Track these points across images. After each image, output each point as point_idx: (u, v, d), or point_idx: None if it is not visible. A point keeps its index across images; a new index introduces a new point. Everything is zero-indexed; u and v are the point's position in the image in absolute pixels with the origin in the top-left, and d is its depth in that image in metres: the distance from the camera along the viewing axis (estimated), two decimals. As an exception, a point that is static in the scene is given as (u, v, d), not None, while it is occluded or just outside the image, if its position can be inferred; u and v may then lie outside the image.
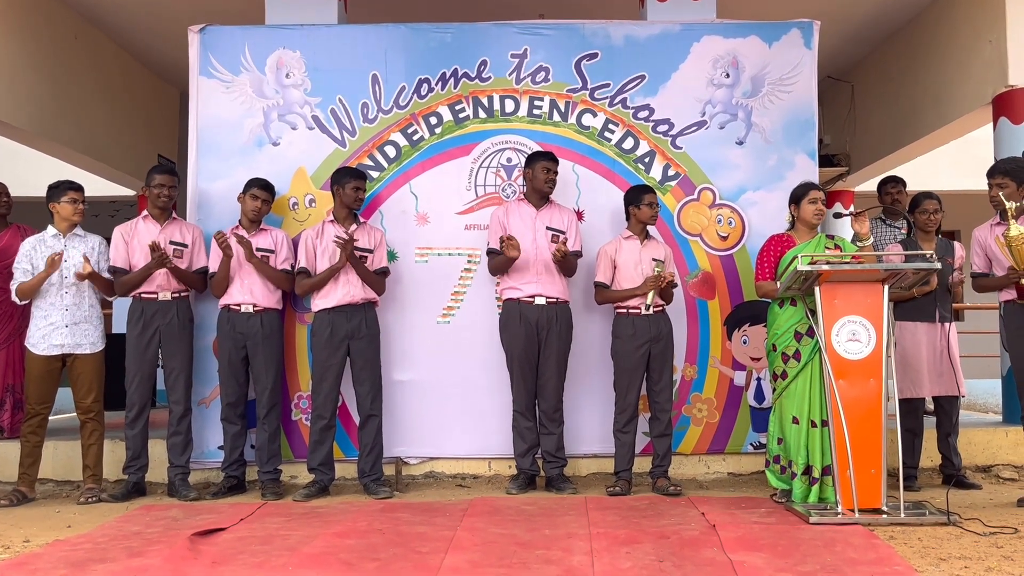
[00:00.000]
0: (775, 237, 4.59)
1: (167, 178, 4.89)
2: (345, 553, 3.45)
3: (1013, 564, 3.24)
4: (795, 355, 4.35)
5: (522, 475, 4.89)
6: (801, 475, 4.30)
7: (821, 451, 4.27)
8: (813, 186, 4.58)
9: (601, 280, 4.83)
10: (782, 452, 4.43)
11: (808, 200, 4.49)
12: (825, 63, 6.18)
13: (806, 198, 4.50)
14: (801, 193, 4.54)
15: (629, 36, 5.31)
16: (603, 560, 3.33)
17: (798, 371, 4.33)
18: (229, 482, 4.86)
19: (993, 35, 5.81)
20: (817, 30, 5.32)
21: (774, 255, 4.51)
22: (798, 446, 4.31)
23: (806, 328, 4.33)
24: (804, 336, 4.34)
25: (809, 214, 4.49)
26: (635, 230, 4.84)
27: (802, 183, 4.65)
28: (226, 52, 5.30)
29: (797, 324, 4.36)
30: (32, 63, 6.21)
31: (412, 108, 5.28)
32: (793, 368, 4.35)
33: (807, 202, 4.49)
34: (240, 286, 4.84)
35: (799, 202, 4.52)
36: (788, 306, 4.40)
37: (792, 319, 4.37)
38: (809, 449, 4.29)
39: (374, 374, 4.84)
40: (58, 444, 5.22)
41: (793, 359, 4.36)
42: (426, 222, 5.24)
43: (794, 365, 4.35)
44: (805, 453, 4.29)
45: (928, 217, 4.90)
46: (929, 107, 6.73)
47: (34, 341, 4.73)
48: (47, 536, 3.88)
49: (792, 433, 4.33)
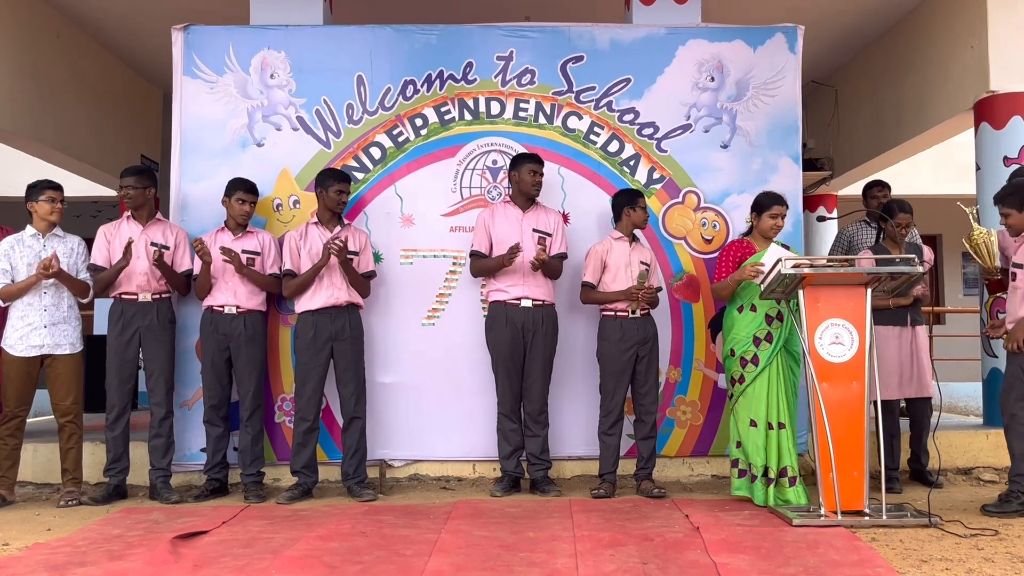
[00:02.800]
0: (736, 243, 4.67)
1: (132, 179, 4.84)
2: (328, 556, 3.43)
3: (994, 566, 3.26)
4: (753, 360, 4.41)
5: (507, 477, 4.88)
6: (761, 477, 4.36)
7: (779, 453, 4.37)
8: (778, 200, 4.61)
9: (590, 280, 4.83)
10: (741, 455, 4.46)
11: (770, 214, 4.56)
12: (809, 68, 6.21)
13: (768, 212, 4.56)
14: (765, 205, 4.59)
15: (615, 39, 5.33)
16: (587, 563, 3.33)
17: (756, 375, 4.40)
18: (211, 485, 4.83)
19: (974, 40, 5.86)
20: (801, 35, 5.36)
21: (733, 260, 4.56)
22: (757, 448, 4.37)
23: (765, 333, 4.41)
24: (763, 341, 4.42)
25: (767, 227, 4.57)
26: (625, 231, 4.85)
27: (768, 193, 4.69)
28: (210, 52, 5.27)
29: (756, 330, 4.43)
30: (13, 62, 6.15)
31: (397, 109, 5.27)
32: (751, 373, 4.41)
33: (768, 216, 4.56)
34: (223, 287, 4.82)
35: (760, 212, 4.59)
36: (748, 312, 4.47)
37: (752, 325, 4.44)
38: (767, 451, 4.37)
39: (358, 376, 4.82)
40: (38, 447, 5.17)
41: (751, 364, 4.42)
42: (411, 224, 5.23)
43: (752, 370, 4.41)
44: (763, 455, 4.37)
45: (901, 230, 4.93)
46: (911, 112, 6.78)
47: (11, 342, 4.68)
48: (26, 539, 3.84)
49: (751, 436, 4.40)
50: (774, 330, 4.44)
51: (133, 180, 4.85)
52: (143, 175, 4.92)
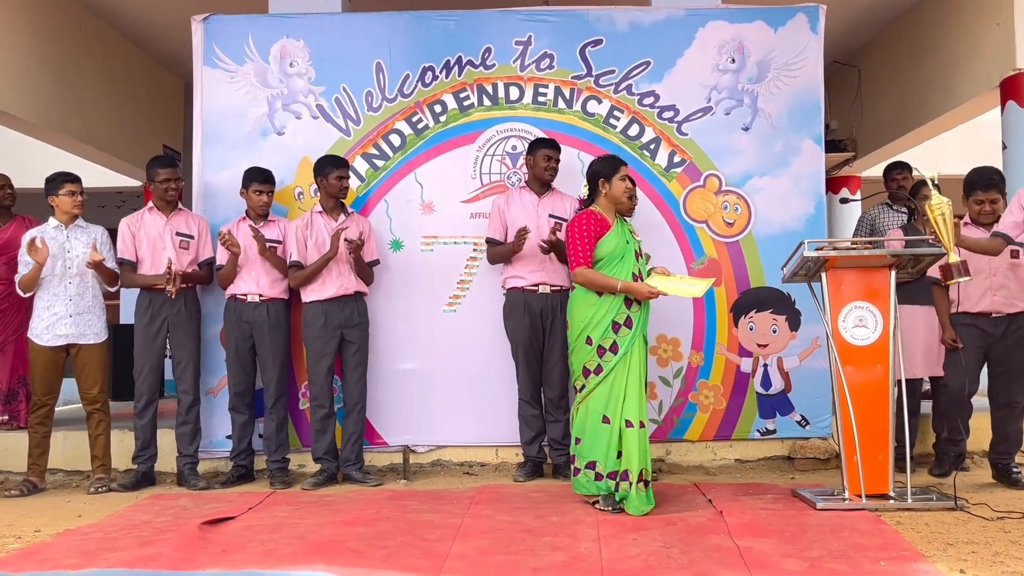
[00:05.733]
0: (591, 215, 4.08)
1: (172, 171, 4.91)
2: (354, 541, 3.46)
3: (1021, 549, 3.24)
4: (612, 347, 3.96)
5: (529, 463, 4.90)
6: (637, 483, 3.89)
7: (640, 454, 3.90)
8: (622, 161, 4.17)
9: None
10: (578, 452, 4.04)
11: (619, 176, 4.09)
12: (831, 47, 6.13)
13: (617, 175, 4.09)
14: (611, 169, 4.10)
15: (634, 22, 5.28)
16: (610, 547, 3.34)
17: (614, 365, 3.95)
18: (238, 471, 4.89)
19: (1001, 18, 5.76)
20: (823, 14, 5.28)
21: (593, 237, 4.04)
22: (608, 447, 3.93)
23: (624, 318, 3.98)
24: (622, 327, 3.98)
25: (620, 191, 4.08)
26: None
27: (608, 157, 4.27)
28: (230, 41, 5.29)
29: (616, 314, 3.98)
30: (37, 55, 6.21)
31: (416, 96, 5.27)
32: (609, 362, 3.95)
33: (618, 179, 4.08)
34: (247, 276, 4.86)
35: (610, 179, 4.08)
36: (607, 294, 4.00)
37: (612, 309, 3.98)
38: (625, 452, 3.91)
39: (364, 363, 4.89)
40: (67, 434, 5.24)
41: (610, 352, 3.96)
42: (431, 211, 5.23)
43: (610, 358, 3.95)
44: (615, 455, 3.92)
45: None
46: (936, 91, 6.69)
47: (38, 332, 4.75)
48: (58, 526, 3.90)
49: (601, 433, 3.94)
50: (633, 313, 3.99)
51: (173, 172, 4.92)
52: (177, 166, 4.99)
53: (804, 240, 4.08)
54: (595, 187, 4.16)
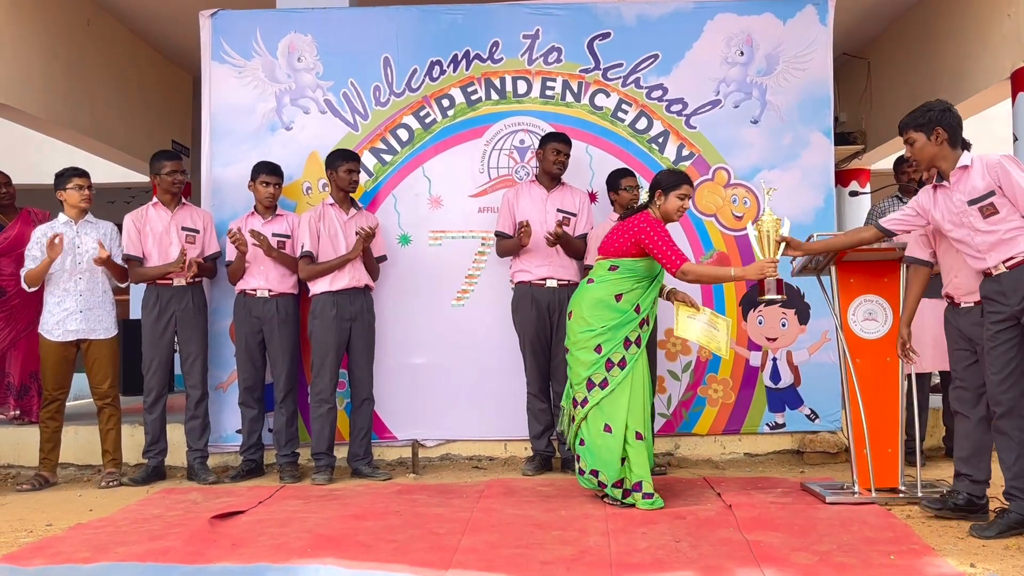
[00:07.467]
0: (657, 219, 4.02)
1: (176, 164, 4.93)
2: (363, 535, 3.47)
3: (1032, 543, 3.23)
4: (620, 363, 3.95)
5: (538, 457, 4.90)
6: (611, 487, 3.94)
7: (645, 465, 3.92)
8: (687, 179, 4.10)
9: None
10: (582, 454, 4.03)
11: (678, 194, 4.03)
12: (841, 39, 6.09)
13: (676, 191, 4.03)
14: (673, 184, 4.04)
15: (641, 15, 5.27)
16: (619, 541, 3.34)
17: (620, 381, 3.94)
18: (247, 465, 4.91)
19: (1011, 9, 5.71)
20: (832, 6, 5.25)
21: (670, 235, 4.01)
22: (612, 456, 3.91)
23: (636, 336, 3.99)
24: (633, 344, 3.98)
25: (674, 208, 4.04)
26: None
27: (675, 171, 4.19)
28: (238, 37, 5.29)
29: (629, 331, 3.98)
30: (46, 51, 6.22)
31: (424, 91, 5.26)
32: (616, 377, 3.94)
33: (676, 195, 4.03)
34: (256, 271, 4.86)
35: (667, 193, 4.03)
36: (630, 311, 3.98)
37: (629, 326, 3.98)
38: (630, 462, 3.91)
39: (371, 357, 4.89)
40: (79, 429, 5.27)
41: (618, 367, 3.95)
42: (439, 205, 5.23)
43: (617, 374, 3.95)
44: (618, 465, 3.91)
45: None
46: (947, 83, 6.64)
47: (48, 327, 4.77)
48: (69, 520, 3.93)
49: (604, 442, 3.93)
50: (644, 333, 4.03)
51: (177, 164, 4.94)
52: (181, 159, 5.00)
53: (813, 233, 4.07)
54: (652, 195, 4.12)
